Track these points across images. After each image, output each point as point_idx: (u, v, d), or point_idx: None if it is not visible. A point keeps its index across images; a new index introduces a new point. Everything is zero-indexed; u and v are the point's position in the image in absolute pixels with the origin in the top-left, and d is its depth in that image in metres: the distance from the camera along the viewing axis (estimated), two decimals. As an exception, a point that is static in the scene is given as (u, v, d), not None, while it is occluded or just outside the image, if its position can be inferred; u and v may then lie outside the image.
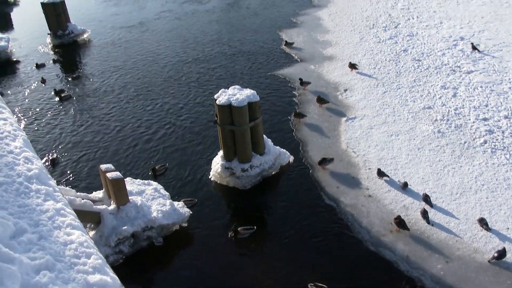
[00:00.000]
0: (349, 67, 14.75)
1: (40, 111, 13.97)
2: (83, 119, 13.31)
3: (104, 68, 16.82)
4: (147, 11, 23.63)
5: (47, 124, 13.16)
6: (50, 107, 14.17)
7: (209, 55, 17.09)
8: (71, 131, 12.68)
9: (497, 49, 15.58)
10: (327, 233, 8.62)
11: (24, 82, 16.29)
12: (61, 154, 11.62)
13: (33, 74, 16.89)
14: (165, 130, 12.40)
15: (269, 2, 23.43)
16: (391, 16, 19.46)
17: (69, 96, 14.73)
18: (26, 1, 28.78)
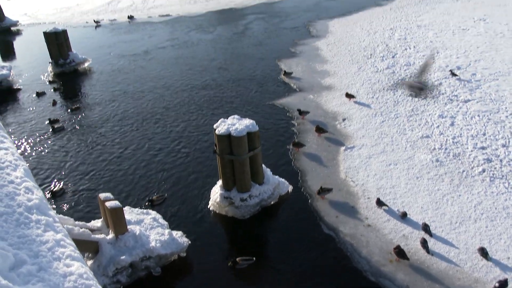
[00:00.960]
0: (346, 97, 14.92)
1: (40, 140, 14.01)
2: (82, 148, 13.35)
3: (103, 97, 16.98)
4: (150, 39, 23.99)
5: (47, 153, 13.19)
6: (49, 136, 14.22)
7: (209, 84, 17.29)
8: (70, 160, 12.71)
9: (493, 78, 15.78)
10: (326, 263, 8.55)
11: (25, 110, 16.41)
12: (60, 183, 11.62)
13: (34, 102, 17.01)
14: (165, 158, 12.44)
15: (270, 32, 23.83)
16: (388, 46, 19.76)
17: (62, 128, 14.71)
18: (28, 30, 29.26)
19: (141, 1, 34.49)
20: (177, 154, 12.64)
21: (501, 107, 13.66)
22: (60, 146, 13.60)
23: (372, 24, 23.44)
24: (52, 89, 18.20)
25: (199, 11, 29.77)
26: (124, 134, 14.00)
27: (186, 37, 23.97)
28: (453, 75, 16.19)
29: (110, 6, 33.50)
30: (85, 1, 36.42)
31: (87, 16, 30.85)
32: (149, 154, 12.77)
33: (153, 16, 29.30)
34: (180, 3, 32.60)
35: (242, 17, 27.87)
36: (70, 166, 12.45)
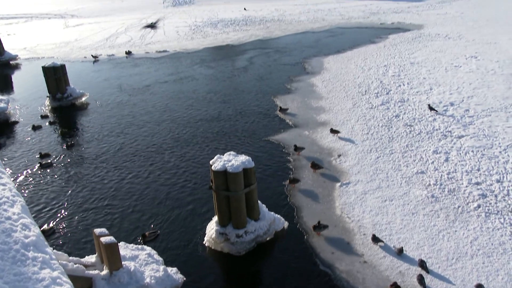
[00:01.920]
0: (331, 132, 15.12)
1: (33, 174, 13.97)
2: (77, 181, 13.32)
3: (99, 131, 17.03)
4: (147, 74, 24.22)
5: (41, 187, 13.14)
6: (43, 170, 14.20)
7: (205, 119, 17.41)
8: (65, 194, 12.66)
9: (486, 114, 16.02)
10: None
11: (21, 143, 16.41)
12: (50, 222, 11.54)
13: (30, 135, 17.02)
14: (160, 193, 12.42)
15: (265, 69, 24.15)
16: (382, 82, 20.07)
17: (50, 164, 14.67)
18: (27, 64, 29.54)
19: (138, 37, 35.06)
20: (172, 189, 12.63)
21: (495, 143, 13.83)
22: (54, 179, 13.56)
23: (367, 61, 23.87)
24: (48, 123, 18.27)
25: (196, 47, 30.26)
26: (119, 168, 14.01)
27: (183, 73, 24.28)
28: (431, 110, 16.59)
29: (108, 42, 34.00)
30: (84, 37, 36.97)
31: (86, 51, 31.25)
32: (145, 188, 12.75)
33: (151, 52, 29.72)
34: (177, 39, 33.15)
35: (238, 53, 28.33)
36: (64, 200, 12.39)
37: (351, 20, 37.85)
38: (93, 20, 47.09)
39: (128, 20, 43.97)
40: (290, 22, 37.81)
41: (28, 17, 53.48)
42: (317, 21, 37.99)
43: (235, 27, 36.78)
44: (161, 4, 55.77)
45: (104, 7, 56.96)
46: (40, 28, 44.24)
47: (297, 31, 34.02)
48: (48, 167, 14.53)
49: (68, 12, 55.31)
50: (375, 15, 39.67)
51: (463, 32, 30.37)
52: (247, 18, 40.53)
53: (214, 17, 42.79)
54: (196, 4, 54.63)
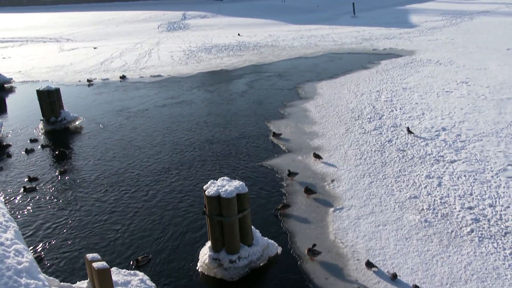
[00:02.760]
0: (314, 157, 15.22)
1: (27, 199, 13.89)
2: (70, 206, 13.24)
3: (92, 155, 17.01)
4: (141, 99, 24.30)
5: (35, 212, 13.05)
6: (33, 195, 14.11)
7: (199, 144, 17.46)
8: (57, 219, 12.56)
9: (478, 138, 16.17)
10: (317, 327, 8.41)
11: (14, 167, 16.34)
12: (46, 242, 11.44)
13: (22, 159, 16.97)
14: (153, 218, 12.36)
15: (259, 94, 24.34)
16: (375, 107, 20.27)
17: (33, 189, 14.56)
18: (22, 87, 29.58)
19: (133, 61, 35.29)
20: (165, 214, 12.58)
21: (486, 167, 13.94)
22: (46, 203, 13.48)
23: (359, 87, 24.13)
24: (40, 146, 18.23)
25: (190, 72, 30.49)
26: (112, 192, 13.96)
27: (176, 98, 24.41)
28: (409, 133, 16.90)
29: (103, 66, 34.19)
30: (78, 61, 37.15)
31: (80, 75, 31.37)
32: (138, 212, 12.70)
33: (145, 76, 29.90)
34: (171, 64, 33.39)
35: (231, 78, 28.53)
36: (56, 224, 12.30)
37: (344, 46, 38.31)
38: (88, 44, 47.38)
39: (122, 45, 44.30)
40: (284, 48, 38.19)
41: (24, 41, 53.75)
42: (310, 46, 38.43)
43: (229, 53, 37.11)
44: (155, 29, 56.27)
45: (99, 31, 57.40)
46: (35, 51, 44.43)
47: (290, 57, 34.39)
48: (31, 191, 14.44)
49: (63, 36, 55.66)
50: (367, 41, 40.20)
51: (454, 58, 30.83)
52: (241, 44, 40.95)
53: (208, 42, 43.20)
54: (191, 30, 55.15)
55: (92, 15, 72.11)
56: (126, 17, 67.43)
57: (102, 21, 66.17)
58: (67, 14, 77.70)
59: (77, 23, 66.44)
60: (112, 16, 69.35)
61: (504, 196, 12.24)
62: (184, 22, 60.47)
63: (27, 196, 14.07)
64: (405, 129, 17.32)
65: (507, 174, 13.44)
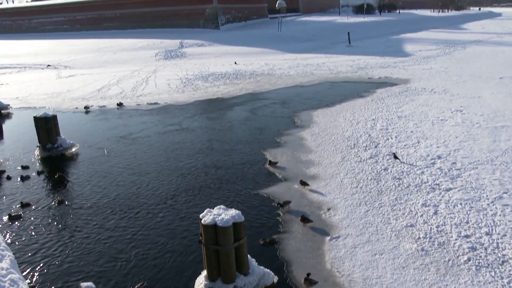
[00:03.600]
0: (301, 184, 15.29)
1: (21, 226, 13.76)
2: (64, 234, 13.12)
3: (87, 182, 16.94)
4: (138, 126, 24.36)
5: (29, 240, 12.92)
6: (26, 222, 13.99)
7: (195, 172, 17.45)
8: (51, 246, 12.43)
9: (473, 167, 16.25)
10: None
11: (8, 193, 16.24)
12: (41, 270, 11.31)
13: (17, 186, 16.87)
14: (149, 246, 12.26)
15: (255, 122, 24.47)
16: (371, 136, 20.39)
17: (19, 216, 14.40)
18: (18, 113, 29.69)
19: (130, 89, 35.51)
20: (161, 242, 12.49)
21: (482, 195, 13.97)
22: (40, 230, 13.36)
23: (355, 115, 24.31)
24: (36, 173, 18.18)
25: (187, 100, 30.66)
26: (107, 220, 13.87)
27: (173, 125, 24.51)
28: (396, 158, 17.13)
29: (100, 93, 34.39)
30: (76, 87, 37.38)
31: (77, 102, 31.52)
32: (133, 240, 12.61)
33: (142, 104, 30.04)
34: (168, 92, 33.60)
35: (228, 106, 28.71)
36: (50, 251, 12.17)
37: (340, 74, 38.75)
38: (85, 71, 47.76)
39: (120, 72, 44.68)
40: (280, 76, 38.58)
41: (22, 67, 54.16)
42: (306, 75, 38.84)
43: (226, 81, 37.44)
44: (153, 57, 56.87)
45: (96, 59, 57.96)
46: (33, 78, 44.76)
47: (286, 85, 34.69)
48: (16, 219, 14.31)
49: (61, 63, 56.15)
50: (362, 69, 40.71)
51: (448, 86, 31.21)
52: (237, 72, 41.34)
53: (205, 70, 43.61)
54: (188, 58, 55.75)
55: (90, 43, 72.88)
56: (123, 45, 68.14)
57: (100, 48, 66.83)
58: (65, 41, 78.54)
59: (75, 50, 67.12)
60: (110, 44, 70.09)
61: (501, 224, 12.24)
62: (181, 50, 61.13)
63: (23, 223, 13.96)
64: (392, 154, 17.58)
65: (503, 202, 13.47)
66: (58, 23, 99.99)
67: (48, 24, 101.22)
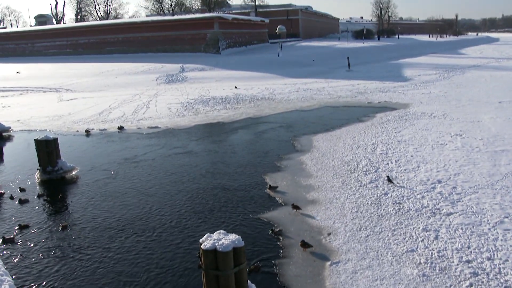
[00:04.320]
0: (293, 208, 15.38)
1: (19, 250, 13.69)
2: (62, 256, 13.04)
3: (86, 205, 16.87)
4: (138, 150, 24.37)
5: (28, 263, 12.85)
6: (24, 245, 13.94)
7: (196, 196, 17.41)
8: (48, 271, 12.36)
9: (473, 191, 16.24)
10: None
11: (6, 216, 16.18)
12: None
13: (16, 209, 16.78)
14: (149, 271, 12.17)
15: (255, 146, 24.56)
16: (371, 160, 20.42)
17: (11, 240, 14.27)
18: (19, 136, 29.80)
19: (131, 112, 35.70)
20: (161, 266, 12.41)
21: (483, 220, 13.93)
22: (37, 253, 13.28)
23: (355, 139, 24.38)
24: (37, 196, 18.13)
25: (187, 124, 30.74)
26: (108, 242, 13.80)
27: (173, 149, 24.54)
28: (390, 181, 17.24)
29: (101, 116, 34.55)
30: (77, 111, 37.58)
31: (78, 125, 31.66)
32: (134, 265, 12.52)
33: (142, 128, 30.14)
34: (169, 116, 33.75)
35: (228, 131, 28.82)
36: (47, 275, 12.09)
37: (339, 99, 38.99)
38: (87, 94, 48.09)
39: (121, 96, 44.98)
40: (280, 101, 38.81)
41: (24, 90, 54.54)
42: (306, 100, 39.08)
43: (226, 105, 37.63)
44: (154, 81, 57.33)
45: (98, 82, 58.43)
46: (34, 101, 45.07)
47: (287, 110, 34.86)
48: (10, 242, 14.20)
49: (63, 86, 56.59)
50: (362, 94, 40.99)
51: (447, 111, 31.39)
52: (238, 96, 41.60)
53: (205, 94, 43.89)
54: (188, 82, 56.19)
55: (92, 66, 73.47)
56: (125, 69, 68.69)
57: (102, 72, 67.35)
58: (67, 65, 79.18)
59: (77, 74, 67.61)
60: (112, 67, 70.64)
61: (502, 249, 12.18)
62: (182, 74, 61.58)
63: (21, 246, 13.89)
64: (386, 177, 17.70)
65: (504, 227, 13.43)
66: (61, 47, 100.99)
67: (51, 48, 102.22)
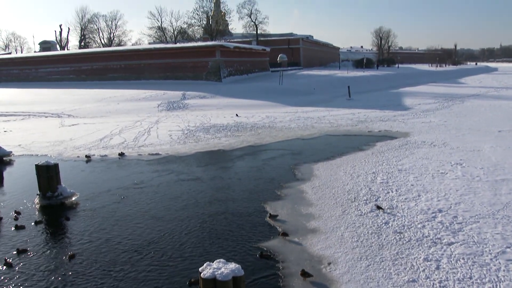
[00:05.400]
0: (281, 235, 15.37)
1: (13, 277, 13.58)
2: (64, 284, 12.96)
3: (84, 230, 16.77)
4: (139, 176, 24.33)
5: None
6: (24, 268, 13.82)
7: (195, 225, 17.32)
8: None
9: (474, 220, 16.18)
10: None
11: (2, 241, 16.07)
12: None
13: (11, 236, 16.65)
14: (147, 302, 12.09)
15: (256, 174, 24.53)
16: (371, 189, 20.39)
17: (10, 265, 14.08)
18: (20, 161, 29.78)
19: (132, 139, 35.80)
20: (159, 296, 12.32)
21: (485, 250, 13.84)
22: (30, 278, 13.17)
23: (355, 168, 24.38)
24: (34, 223, 17.96)
25: (188, 151, 30.74)
26: (101, 273, 13.67)
27: (173, 177, 24.52)
28: (379, 209, 17.41)
29: (102, 143, 34.63)
30: (78, 136, 37.69)
31: (79, 151, 31.70)
32: (130, 295, 12.43)
33: (143, 154, 30.15)
34: (170, 143, 33.82)
35: (229, 159, 28.83)
36: (47, 307, 11.99)
37: (340, 127, 39.13)
38: (89, 120, 48.33)
39: (122, 122, 45.17)
40: (281, 129, 38.93)
41: (26, 115, 54.84)
42: (307, 128, 39.20)
43: (227, 133, 37.72)
44: (155, 107, 57.68)
45: (100, 108, 58.80)
46: (36, 126, 45.27)
47: (287, 138, 34.89)
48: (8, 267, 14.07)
49: (65, 111, 56.94)
50: (362, 123, 41.16)
51: (448, 139, 31.50)
52: (238, 124, 41.73)
53: (206, 122, 44.07)
54: (190, 109, 56.53)
55: (94, 93, 73.95)
56: (127, 95, 69.16)
57: (104, 98, 67.76)
58: (70, 90, 79.73)
59: (79, 99, 68.03)
60: (114, 94, 71.11)
61: (505, 280, 12.07)
62: (184, 101, 61.97)
63: (18, 270, 13.77)
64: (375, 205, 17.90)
65: (506, 257, 13.34)
66: (64, 72, 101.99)
67: (55, 73, 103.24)
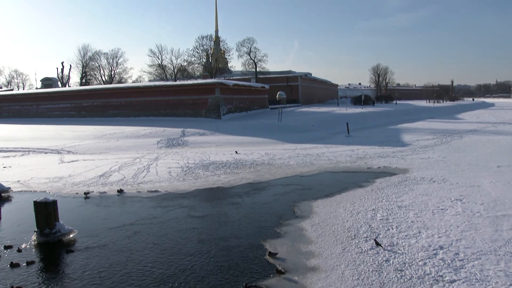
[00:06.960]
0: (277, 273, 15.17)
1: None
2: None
3: (82, 270, 16.53)
4: (137, 214, 24.19)
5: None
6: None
7: (194, 263, 17.12)
8: None
9: (476, 257, 16.02)
10: None
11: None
12: None
13: (8, 272, 16.42)
14: None
15: (255, 211, 24.40)
16: (371, 226, 20.24)
17: None
18: (18, 197, 29.64)
19: (131, 175, 35.74)
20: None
21: (488, 287, 13.65)
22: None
23: (355, 205, 24.27)
24: (25, 263, 17.44)
25: (187, 189, 30.61)
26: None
27: (172, 214, 24.37)
28: (378, 245, 17.28)
29: (101, 179, 34.56)
30: (77, 173, 37.62)
31: (78, 188, 31.61)
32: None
33: (142, 191, 30.05)
34: (169, 180, 33.75)
35: (228, 196, 28.68)
36: None
37: (339, 164, 39.13)
38: (88, 157, 48.33)
39: (122, 159, 45.19)
40: (280, 166, 38.89)
41: (26, 151, 54.91)
42: (306, 165, 39.19)
43: (226, 170, 37.66)
44: (155, 144, 57.90)
45: (99, 145, 58.98)
46: (35, 162, 45.25)
47: (286, 175, 34.80)
48: None
49: (65, 148, 57.05)
50: (362, 159, 41.21)
51: (447, 175, 31.49)
52: (238, 161, 41.73)
53: (206, 159, 44.10)
54: (189, 146, 56.69)
55: (94, 129, 74.32)
56: (127, 132, 69.49)
57: (104, 135, 68.06)
58: (70, 127, 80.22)
59: (79, 136, 68.33)
60: (114, 130, 71.46)
61: (508, 319, 11.90)
62: (183, 138, 62.20)
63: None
64: (373, 241, 17.78)
65: (510, 295, 13.18)
66: (64, 109, 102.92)
67: (55, 110, 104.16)
